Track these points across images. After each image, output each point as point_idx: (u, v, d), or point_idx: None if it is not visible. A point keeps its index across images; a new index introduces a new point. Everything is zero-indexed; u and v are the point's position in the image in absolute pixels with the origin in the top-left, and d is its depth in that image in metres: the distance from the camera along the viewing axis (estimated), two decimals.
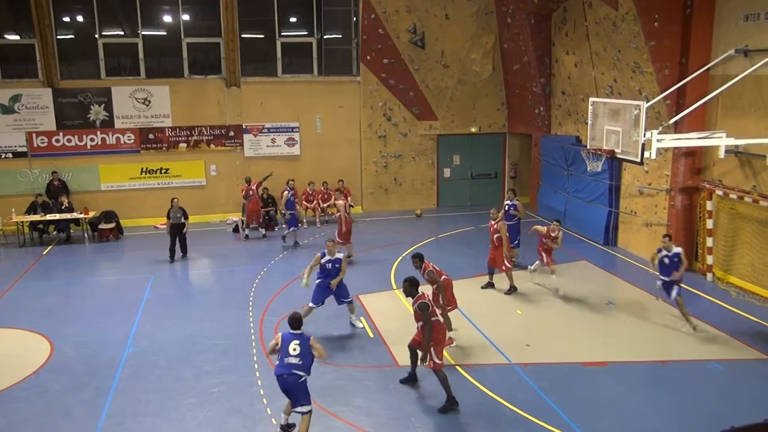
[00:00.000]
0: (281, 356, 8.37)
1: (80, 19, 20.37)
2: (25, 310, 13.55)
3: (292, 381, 8.28)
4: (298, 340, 8.37)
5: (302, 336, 8.43)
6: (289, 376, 8.27)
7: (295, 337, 8.40)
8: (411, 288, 9.43)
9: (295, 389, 8.32)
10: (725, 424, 3.36)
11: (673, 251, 11.72)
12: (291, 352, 8.31)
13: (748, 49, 13.20)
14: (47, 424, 9.08)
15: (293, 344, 8.33)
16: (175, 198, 17.11)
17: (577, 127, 19.28)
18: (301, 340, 8.37)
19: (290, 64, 21.52)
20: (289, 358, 8.29)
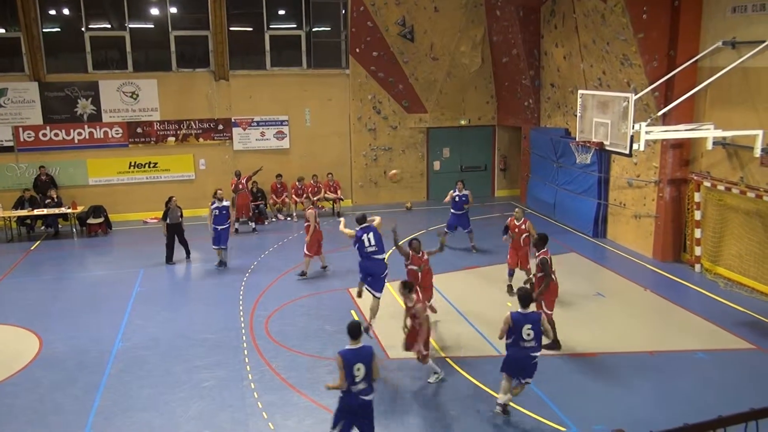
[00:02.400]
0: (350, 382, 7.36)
1: (66, 12, 20.18)
2: (13, 305, 13.48)
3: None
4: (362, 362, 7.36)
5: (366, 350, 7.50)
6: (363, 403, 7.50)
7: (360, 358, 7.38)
8: (404, 289, 9.66)
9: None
10: (712, 414, 3.39)
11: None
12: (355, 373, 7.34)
13: (736, 41, 13.26)
14: (37, 420, 9.05)
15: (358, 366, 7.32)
16: (173, 197, 16.42)
17: (566, 120, 19.34)
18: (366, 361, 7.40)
19: (279, 57, 21.44)
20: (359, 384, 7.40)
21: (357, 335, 7.41)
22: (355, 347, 7.38)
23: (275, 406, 9.25)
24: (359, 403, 7.40)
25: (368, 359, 7.36)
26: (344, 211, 21.15)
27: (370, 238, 10.83)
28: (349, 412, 7.45)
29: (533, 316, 8.45)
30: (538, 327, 8.38)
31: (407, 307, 9.84)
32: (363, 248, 10.80)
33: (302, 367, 10.45)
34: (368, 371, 7.35)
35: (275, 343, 11.36)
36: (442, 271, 14.88)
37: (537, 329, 8.36)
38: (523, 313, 8.35)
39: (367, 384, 7.39)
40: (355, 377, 7.27)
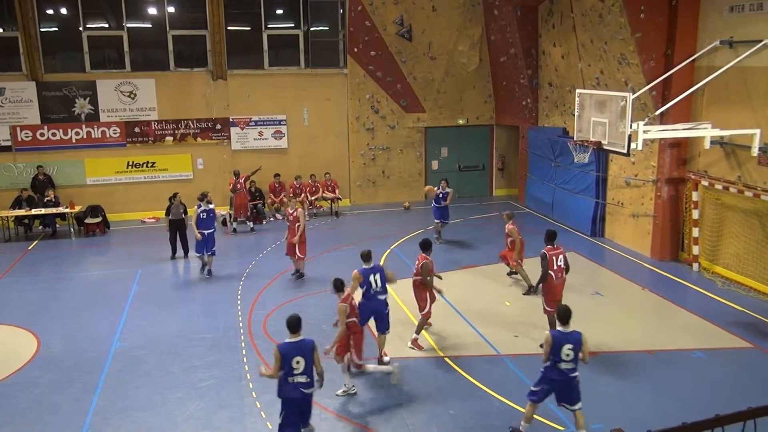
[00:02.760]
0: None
1: (64, 12, 20.15)
2: (11, 305, 13.47)
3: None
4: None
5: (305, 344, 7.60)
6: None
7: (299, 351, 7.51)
8: (335, 288, 9.49)
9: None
10: (710, 413, 3.39)
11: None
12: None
13: (733, 41, 13.28)
14: (34, 420, 9.03)
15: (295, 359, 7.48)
16: (178, 193, 16.58)
17: (564, 119, 19.35)
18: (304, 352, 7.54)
19: (277, 56, 21.42)
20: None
21: (296, 329, 7.55)
22: (294, 340, 7.53)
23: (273, 406, 9.21)
24: (300, 396, 7.55)
25: (308, 352, 7.50)
26: (342, 211, 21.16)
27: (377, 279, 10.20)
28: (291, 404, 7.61)
29: (574, 335, 7.85)
30: (579, 348, 7.81)
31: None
32: (369, 290, 10.21)
33: None
34: (309, 364, 7.49)
35: (273, 343, 11.29)
36: (440, 271, 14.87)
37: (577, 350, 7.80)
38: (564, 332, 7.86)
39: (309, 377, 7.54)
40: (294, 369, 7.43)
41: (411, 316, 12.37)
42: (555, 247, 10.85)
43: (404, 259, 15.90)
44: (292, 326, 7.55)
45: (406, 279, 14.47)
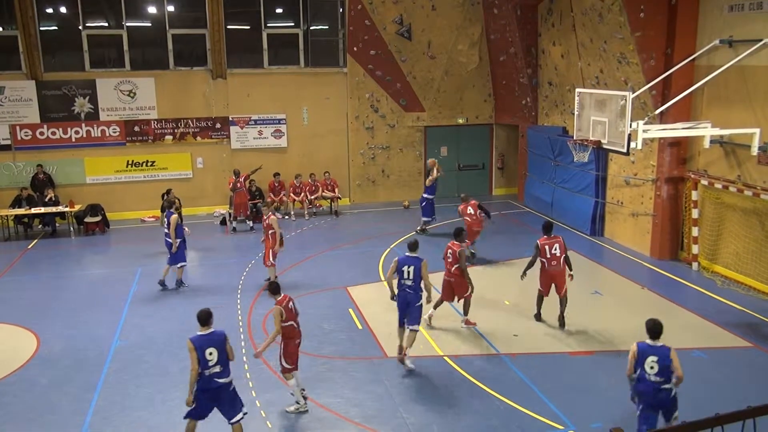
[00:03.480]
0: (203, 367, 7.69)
1: (63, 11, 20.14)
2: (10, 304, 13.46)
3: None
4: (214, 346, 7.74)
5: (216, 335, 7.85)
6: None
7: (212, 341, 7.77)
8: (271, 291, 9.25)
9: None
10: (709, 412, 3.39)
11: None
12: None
13: (733, 40, 13.28)
14: (34, 419, 9.04)
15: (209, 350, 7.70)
16: (171, 189, 17.24)
17: (564, 118, 19.35)
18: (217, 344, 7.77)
19: (276, 55, 21.42)
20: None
21: (206, 321, 7.83)
22: (205, 333, 7.79)
23: (273, 405, 9.26)
24: (215, 386, 7.76)
25: (220, 344, 7.76)
26: (342, 210, 21.16)
27: (410, 271, 10.25)
28: (207, 395, 7.79)
29: (663, 350, 7.54)
30: (667, 362, 7.42)
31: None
32: (401, 279, 10.36)
33: (300, 365, 10.42)
34: (222, 355, 7.72)
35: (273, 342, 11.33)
36: (440, 270, 14.88)
37: (662, 363, 7.42)
38: (651, 345, 7.58)
39: (223, 367, 7.76)
40: (208, 361, 7.64)
41: None
42: (550, 238, 11.55)
43: None
44: (202, 319, 7.85)
45: None
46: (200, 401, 7.83)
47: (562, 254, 11.49)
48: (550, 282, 11.62)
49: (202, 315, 7.89)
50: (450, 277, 11.65)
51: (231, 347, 7.91)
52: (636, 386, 7.65)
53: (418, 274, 10.23)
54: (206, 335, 7.78)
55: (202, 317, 7.87)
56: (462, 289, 11.62)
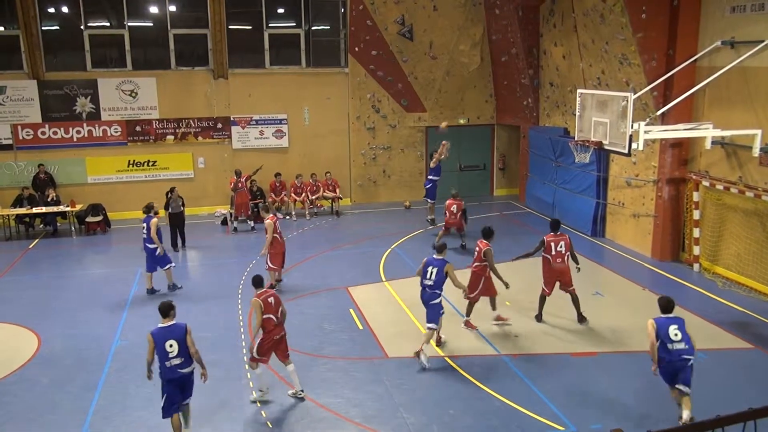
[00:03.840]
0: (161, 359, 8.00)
1: (65, 10, 20.17)
2: (12, 303, 13.47)
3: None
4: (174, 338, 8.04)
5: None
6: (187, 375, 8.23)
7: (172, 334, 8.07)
8: (254, 284, 9.46)
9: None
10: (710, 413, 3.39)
11: None
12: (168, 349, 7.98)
13: (735, 41, 13.27)
14: (35, 418, 9.05)
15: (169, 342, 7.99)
16: (175, 187, 17.40)
17: (565, 119, 19.34)
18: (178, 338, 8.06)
19: (278, 55, 21.42)
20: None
21: (166, 314, 8.14)
22: (165, 325, 8.10)
23: (273, 405, 9.25)
24: (179, 376, 8.08)
25: (181, 336, 8.05)
26: (343, 210, 21.16)
27: (432, 272, 10.57)
28: (173, 384, 8.10)
29: (679, 319, 8.40)
30: (685, 328, 8.28)
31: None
32: (423, 278, 10.73)
33: (300, 365, 10.42)
34: (182, 347, 8.02)
35: None
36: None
37: (683, 330, 8.25)
38: (668, 317, 8.38)
39: (184, 358, 8.05)
40: (168, 353, 7.96)
41: (413, 317, 12.38)
42: (557, 235, 11.79)
43: (405, 259, 15.92)
44: (163, 311, 8.17)
45: (411, 277, 14.53)
46: (169, 392, 8.11)
47: (566, 252, 11.69)
48: (555, 279, 11.78)
49: (163, 307, 8.19)
50: (473, 274, 11.70)
51: (192, 340, 8.14)
52: (662, 358, 8.20)
53: (439, 276, 10.53)
54: (167, 327, 8.08)
55: (163, 309, 8.17)
56: (471, 289, 11.58)
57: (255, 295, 9.20)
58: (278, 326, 9.26)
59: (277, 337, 9.25)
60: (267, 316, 9.12)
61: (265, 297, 9.16)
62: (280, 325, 9.29)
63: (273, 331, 9.19)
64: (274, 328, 9.22)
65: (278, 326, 9.26)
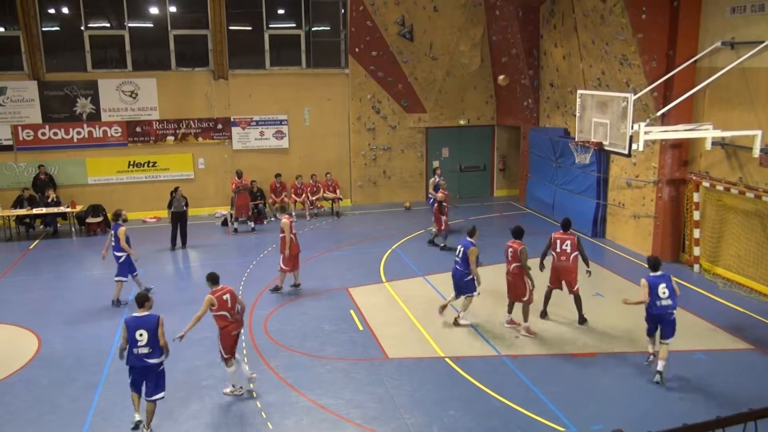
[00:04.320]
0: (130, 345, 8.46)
1: (66, 11, 20.18)
2: (12, 304, 13.47)
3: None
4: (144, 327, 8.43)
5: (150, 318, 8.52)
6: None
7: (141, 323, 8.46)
8: (210, 281, 9.66)
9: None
10: (710, 414, 3.39)
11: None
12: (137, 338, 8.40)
13: (735, 42, 13.27)
14: (35, 419, 9.05)
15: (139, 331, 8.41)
16: (179, 187, 17.61)
17: (566, 120, 19.34)
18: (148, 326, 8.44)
19: (278, 56, 21.43)
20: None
21: (141, 304, 8.55)
22: (139, 315, 8.51)
23: (274, 406, 9.26)
24: (142, 365, 8.45)
25: (152, 326, 8.41)
26: (343, 211, 21.16)
27: (460, 251, 11.68)
28: (136, 371, 8.53)
29: (666, 277, 9.70)
30: (671, 285, 9.63)
31: None
32: (455, 256, 11.78)
33: (301, 366, 10.46)
34: (152, 337, 8.38)
35: (274, 343, 11.36)
36: (441, 271, 14.90)
37: (671, 287, 9.61)
38: (656, 275, 9.70)
39: (152, 349, 8.42)
40: (138, 341, 8.36)
41: (413, 318, 12.38)
42: (564, 233, 11.93)
43: (405, 260, 15.93)
44: (138, 302, 8.62)
45: (411, 278, 14.52)
46: (132, 376, 8.60)
47: (572, 252, 11.73)
48: (558, 277, 11.92)
49: (138, 298, 8.68)
50: (509, 276, 11.64)
51: (162, 332, 8.46)
52: (650, 310, 9.77)
53: (465, 255, 11.55)
54: (140, 317, 8.49)
55: (138, 300, 8.65)
56: (521, 289, 11.47)
57: (210, 292, 9.40)
58: (234, 323, 9.46)
59: (234, 333, 9.46)
60: (221, 313, 9.34)
61: (220, 294, 9.38)
62: (236, 322, 9.49)
63: (229, 328, 9.41)
64: (229, 324, 9.41)
65: (234, 323, 9.46)
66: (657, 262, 9.95)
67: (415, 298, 13.39)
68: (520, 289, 11.46)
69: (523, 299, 11.46)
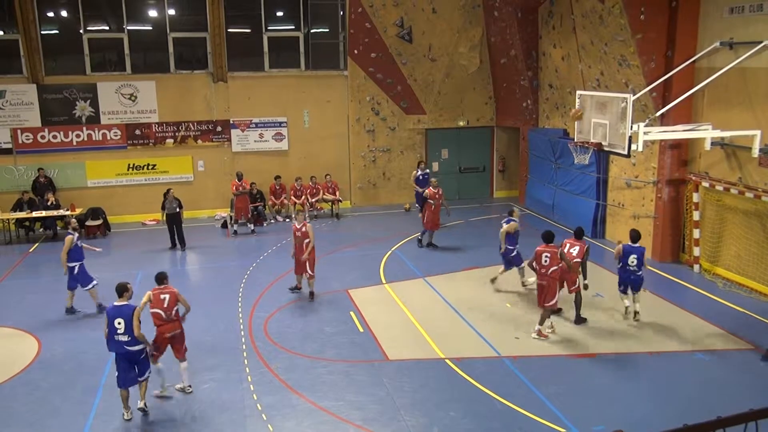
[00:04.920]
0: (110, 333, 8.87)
1: (64, 15, 20.18)
2: (12, 307, 13.47)
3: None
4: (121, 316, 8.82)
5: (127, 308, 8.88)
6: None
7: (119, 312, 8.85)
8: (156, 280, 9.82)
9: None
10: (711, 414, 3.39)
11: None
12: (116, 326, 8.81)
13: (733, 42, 13.28)
14: (36, 422, 9.04)
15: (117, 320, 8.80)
16: (171, 188, 17.59)
17: (565, 120, 19.34)
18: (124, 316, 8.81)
19: (277, 58, 21.44)
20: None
21: (120, 294, 8.97)
22: (118, 305, 8.91)
23: (274, 408, 9.25)
24: (124, 351, 8.85)
25: (128, 316, 8.78)
26: (343, 213, 21.16)
27: (503, 224, 13.58)
28: (120, 357, 8.91)
29: (640, 249, 11.66)
30: (642, 257, 11.58)
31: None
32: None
33: (301, 368, 10.45)
34: (128, 326, 8.76)
35: (274, 345, 11.36)
36: (441, 272, 14.91)
37: (641, 259, 11.56)
38: (633, 246, 11.65)
39: (130, 337, 8.81)
40: (117, 329, 8.79)
41: (413, 319, 12.38)
42: (576, 240, 12.24)
43: (405, 261, 15.92)
44: (118, 291, 9.02)
45: (411, 280, 14.51)
46: (119, 366, 8.91)
47: (578, 257, 11.83)
48: (561, 276, 11.76)
49: (117, 288, 9.06)
50: (545, 279, 11.38)
51: (137, 323, 8.77)
52: (619, 271, 11.96)
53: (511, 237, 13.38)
54: (119, 307, 8.89)
55: (117, 289, 9.04)
56: (549, 296, 11.34)
57: (152, 289, 9.61)
58: (169, 323, 9.51)
59: (168, 335, 9.51)
60: (155, 310, 9.45)
61: (159, 293, 9.53)
62: (171, 323, 9.53)
63: (162, 327, 9.49)
64: (163, 324, 9.47)
65: (169, 323, 9.51)
66: (638, 235, 11.83)
67: (415, 299, 13.39)
68: (551, 294, 11.34)
69: (549, 304, 11.36)
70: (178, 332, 9.63)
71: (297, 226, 13.31)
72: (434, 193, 16.61)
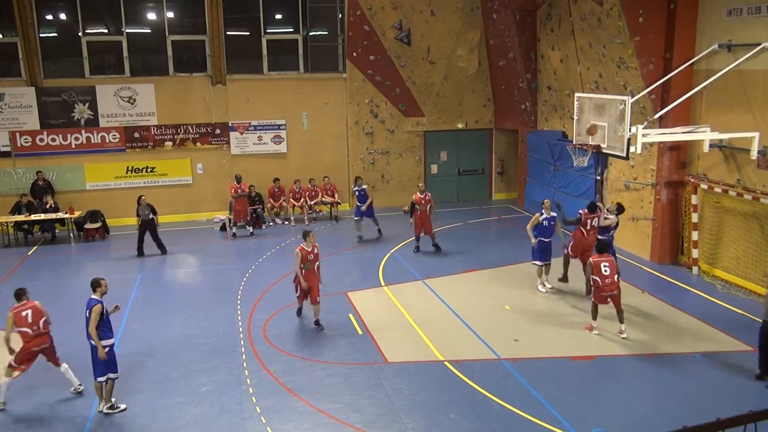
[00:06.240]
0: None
1: (63, 17, 20.18)
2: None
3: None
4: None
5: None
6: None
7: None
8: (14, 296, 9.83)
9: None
10: (710, 416, 3.39)
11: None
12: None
13: (732, 44, 13.30)
14: (34, 426, 9.02)
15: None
16: (143, 195, 17.52)
17: (563, 123, 19.36)
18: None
19: (276, 61, 21.45)
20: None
21: (94, 289, 9.35)
22: (91, 298, 9.22)
23: (273, 411, 9.24)
24: (89, 344, 9.20)
25: (89, 310, 9.12)
26: (342, 215, 21.15)
27: (547, 222, 13.68)
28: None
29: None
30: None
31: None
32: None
33: (300, 371, 10.44)
34: (87, 321, 9.10)
35: (273, 347, 11.35)
36: (440, 275, 14.90)
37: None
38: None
39: (87, 330, 9.15)
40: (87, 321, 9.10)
41: (412, 321, 12.38)
42: (592, 212, 13.02)
43: (404, 263, 15.92)
44: (92, 286, 9.38)
45: (410, 282, 14.51)
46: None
47: (602, 228, 13.13)
48: (581, 251, 13.17)
49: (92, 282, 9.46)
50: (615, 288, 11.36)
51: (93, 321, 9.06)
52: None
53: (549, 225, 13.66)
54: (89, 299, 9.22)
55: (92, 284, 9.44)
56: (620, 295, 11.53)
57: (11, 309, 9.52)
58: (37, 337, 9.51)
59: (35, 349, 9.54)
60: (22, 329, 9.43)
61: (19, 311, 9.49)
62: (39, 336, 9.54)
63: (30, 343, 9.49)
64: (31, 339, 9.48)
65: (37, 337, 9.51)
66: (594, 207, 12.95)
67: (414, 301, 13.38)
68: (619, 293, 11.47)
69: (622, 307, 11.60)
70: (47, 346, 9.65)
71: (307, 249, 11.77)
72: (420, 198, 16.50)
